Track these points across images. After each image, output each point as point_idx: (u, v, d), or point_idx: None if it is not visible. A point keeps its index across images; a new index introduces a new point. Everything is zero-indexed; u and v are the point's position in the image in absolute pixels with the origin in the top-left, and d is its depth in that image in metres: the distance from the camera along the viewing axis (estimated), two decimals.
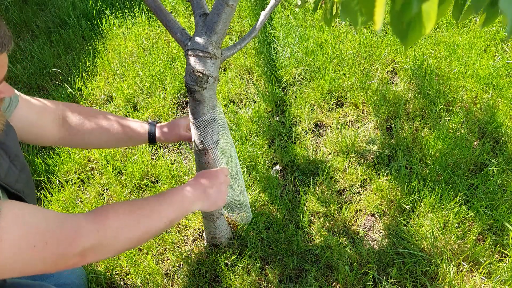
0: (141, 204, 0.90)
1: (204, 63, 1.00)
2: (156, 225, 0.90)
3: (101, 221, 0.81)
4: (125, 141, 1.19)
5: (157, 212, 0.90)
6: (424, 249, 1.43)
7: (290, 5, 2.69)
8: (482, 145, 1.75)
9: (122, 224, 0.84)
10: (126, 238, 0.85)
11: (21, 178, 0.90)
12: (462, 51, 2.17)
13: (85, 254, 0.78)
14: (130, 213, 0.86)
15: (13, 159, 0.89)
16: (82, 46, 2.57)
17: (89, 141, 1.14)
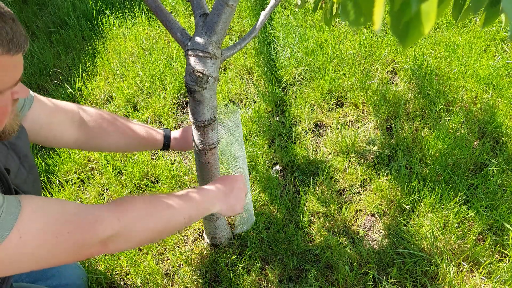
0: (162, 198, 0.90)
1: (204, 63, 1.00)
2: (176, 219, 0.90)
3: (122, 210, 0.81)
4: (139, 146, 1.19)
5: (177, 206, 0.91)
6: (424, 249, 1.43)
7: (290, 5, 2.69)
8: (482, 145, 1.75)
9: (143, 214, 0.84)
10: (146, 229, 0.85)
11: (29, 179, 0.91)
12: (462, 51, 2.17)
13: (107, 243, 0.79)
14: (150, 205, 0.87)
15: (23, 160, 0.89)
16: (82, 46, 2.57)
17: (106, 144, 1.14)
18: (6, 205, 0.67)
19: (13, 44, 0.67)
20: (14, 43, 0.67)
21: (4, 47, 0.66)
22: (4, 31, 0.65)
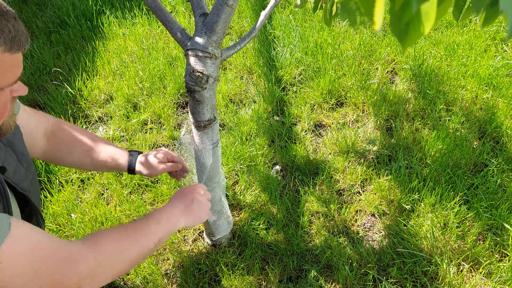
0: (132, 228, 0.91)
1: (204, 63, 1.00)
2: (148, 246, 0.91)
3: (97, 248, 0.82)
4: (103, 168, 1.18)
5: (147, 233, 0.92)
6: (424, 249, 1.43)
7: (290, 5, 2.69)
8: (482, 145, 1.75)
9: (117, 249, 0.85)
10: (121, 263, 0.86)
11: (27, 177, 0.90)
12: (462, 51, 2.17)
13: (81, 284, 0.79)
14: (123, 238, 0.87)
15: (20, 158, 0.89)
16: (82, 46, 2.57)
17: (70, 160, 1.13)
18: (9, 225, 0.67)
19: (15, 42, 0.68)
20: (16, 41, 0.68)
21: (7, 45, 0.67)
22: (7, 29, 0.66)
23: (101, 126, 2.06)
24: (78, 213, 1.61)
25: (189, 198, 1.06)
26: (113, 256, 0.84)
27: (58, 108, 2.12)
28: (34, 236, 0.73)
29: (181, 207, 1.04)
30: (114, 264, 0.84)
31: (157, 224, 0.95)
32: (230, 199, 1.64)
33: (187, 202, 1.06)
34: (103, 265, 0.82)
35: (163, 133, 1.97)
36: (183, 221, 1.03)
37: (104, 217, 1.58)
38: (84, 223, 1.57)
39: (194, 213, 1.05)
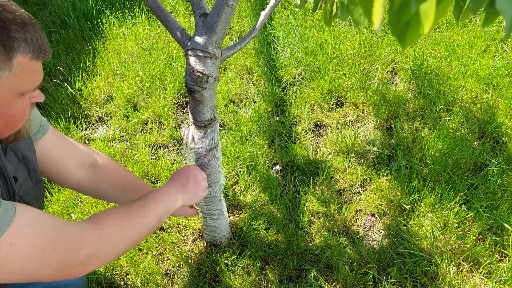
0: (131, 207, 0.95)
1: (204, 63, 1.00)
2: (148, 224, 0.95)
3: (101, 227, 0.85)
4: None
5: (146, 213, 0.95)
6: (424, 249, 1.44)
7: (290, 5, 2.69)
8: (482, 145, 1.75)
9: (120, 227, 0.89)
10: (124, 240, 0.89)
11: (33, 192, 0.94)
12: (462, 51, 2.17)
13: (87, 262, 0.82)
14: (124, 216, 0.91)
15: (31, 174, 0.94)
16: (82, 46, 2.57)
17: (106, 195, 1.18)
18: (2, 210, 0.70)
19: (41, 51, 0.74)
20: (42, 50, 0.74)
21: (34, 53, 0.72)
22: (35, 39, 0.72)
23: (101, 126, 2.06)
24: (78, 213, 1.61)
25: (185, 177, 1.10)
26: (116, 236, 0.87)
27: (58, 108, 2.12)
28: (40, 219, 0.76)
29: (177, 185, 1.08)
30: (117, 243, 0.88)
31: (156, 203, 0.99)
32: (230, 199, 1.64)
33: (183, 180, 1.09)
34: (106, 244, 0.85)
35: (163, 133, 1.97)
36: (181, 199, 1.06)
37: None
38: None
39: (191, 190, 1.09)
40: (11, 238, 0.70)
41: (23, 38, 0.70)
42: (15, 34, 0.69)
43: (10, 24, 0.69)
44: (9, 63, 0.70)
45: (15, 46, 0.69)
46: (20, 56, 0.71)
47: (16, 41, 0.69)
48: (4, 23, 0.68)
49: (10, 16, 0.69)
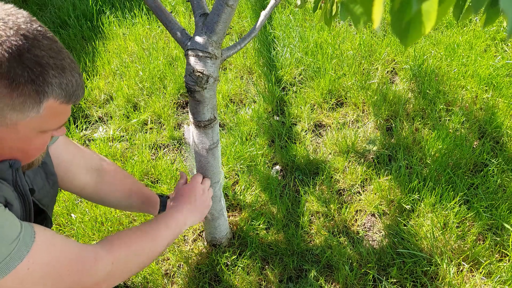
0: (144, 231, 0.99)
1: (204, 63, 1.00)
2: (158, 250, 0.99)
3: (113, 253, 0.88)
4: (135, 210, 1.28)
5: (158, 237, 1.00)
6: (424, 249, 1.43)
7: (290, 5, 2.69)
8: (482, 145, 1.75)
9: (131, 253, 0.93)
10: (135, 265, 0.94)
11: (50, 194, 0.96)
12: (462, 51, 2.17)
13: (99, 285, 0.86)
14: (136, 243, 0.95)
15: (48, 177, 0.96)
16: (82, 46, 2.57)
17: (110, 200, 1.20)
18: (22, 235, 0.71)
19: (74, 96, 0.74)
20: (75, 95, 0.74)
21: (66, 98, 0.72)
22: (71, 84, 0.72)
23: (101, 126, 2.06)
24: (78, 213, 1.61)
25: (190, 197, 1.14)
26: (127, 261, 0.91)
27: None
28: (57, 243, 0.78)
29: (184, 210, 1.11)
30: (128, 267, 0.92)
31: (167, 228, 1.03)
32: (230, 199, 1.64)
33: (191, 202, 1.14)
34: (118, 267, 0.89)
35: (163, 133, 1.97)
36: (188, 223, 1.11)
37: (104, 217, 1.58)
38: (84, 223, 1.57)
39: (197, 211, 1.14)
40: (29, 264, 0.71)
41: (58, 83, 0.70)
42: (52, 79, 0.69)
43: (49, 70, 0.69)
44: (38, 106, 0.70)
45: (48, 91, 0.69)
46: (51, 101, 0.71)
47: (51, 86, 0.69)
48: (43, 69, 0.68)
49: (51, 61, 0.69)
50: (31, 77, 0.67)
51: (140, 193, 1.25)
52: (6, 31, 0.66)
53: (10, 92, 0.66)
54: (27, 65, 0.67)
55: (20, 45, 0.66)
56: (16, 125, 0.71)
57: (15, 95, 0.67)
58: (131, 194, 1.22)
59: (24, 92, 0.67)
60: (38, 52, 0.68)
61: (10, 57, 0.65)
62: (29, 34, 0.68)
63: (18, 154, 0.78)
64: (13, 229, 0.70)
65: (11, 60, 0.65)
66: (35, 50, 0.67)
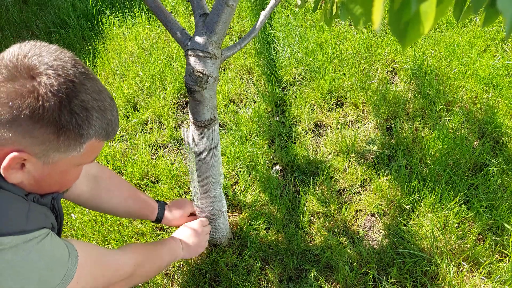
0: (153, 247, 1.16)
1: (204, 63, 1.00)
2: (162, 266, 1.16)
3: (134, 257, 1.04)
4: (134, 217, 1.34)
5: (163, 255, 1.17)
6: (424, 249, 1.43)
7: (290, 5, 2.69)
8: (482, 145, 1.75)
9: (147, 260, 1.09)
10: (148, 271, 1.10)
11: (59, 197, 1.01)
12: (462, 51, 2.17)
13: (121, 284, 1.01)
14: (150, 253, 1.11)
15: None
16: (82, 46, 2.57)
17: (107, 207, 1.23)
18: (71, 257, 0.82)
19: (112, 133, 0.81)
20: (113, 133, 0.80)
21: (105, 136, 0.78)
22: (110, 124, 0.78)
23: None
24: (78, 213, 1.61)
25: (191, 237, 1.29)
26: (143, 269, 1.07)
27: None
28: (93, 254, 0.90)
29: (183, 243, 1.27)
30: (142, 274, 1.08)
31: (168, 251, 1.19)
32: (230, 199, 1.64)
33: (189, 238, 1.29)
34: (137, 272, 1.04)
35: (163, 133, 1.97)
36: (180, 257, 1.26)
37: (104, 217, 1.58)
38: (84, 223, 1.57)
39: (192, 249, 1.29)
40: (77, 278, 0.82)
41: (100, 125, 0.75)
42: (95, 121, 0.74)
43: (93, 113, 0.73)
44: (81, 146, 0.75)
45: (91, 133, 0.75)
46: (92, 141, 0.76)
47: (94, 128, 0.74)
48: (88, 113, 0.72)
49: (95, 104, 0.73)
50: (78, 123, 0.71)
51: (136, 198, 1.27)
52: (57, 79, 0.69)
53: (57, 137, 0.71)
54: (75, 111, 0.71)
55: (69, 93, 0.70)
56: (57, 163, 0.76)
57: (62, 139, 0.71)
58: (127, 199, 1.24)
59: (70, 136, 0.72)
60: (84, 96, 0.72)
61: (61, 105, 0.69)
62: (76, 80, 0.71)
63: (55, 187, 0.83)
64: (64, 253, 0.81)
65: (62, 107, 0.69)
66: (81, 95, 0.71)
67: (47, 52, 0.71)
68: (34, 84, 0.68)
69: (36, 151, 0.72)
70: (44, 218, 0.82)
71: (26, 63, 0.69)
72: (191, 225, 1.32)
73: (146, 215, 1.30)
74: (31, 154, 0.72)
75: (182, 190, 1.70)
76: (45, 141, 0.70)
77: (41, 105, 0.67)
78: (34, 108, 0.67)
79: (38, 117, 0.68)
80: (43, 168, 0.75)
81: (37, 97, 0.67)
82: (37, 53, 0.70)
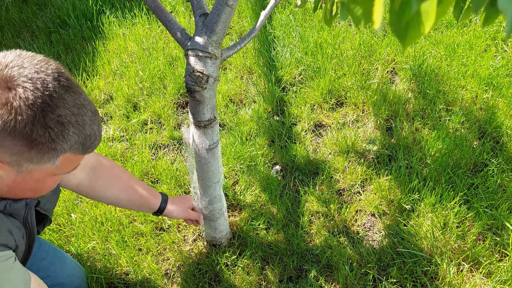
0: None
1: (204, 63, 1.00)
2: None
3: None
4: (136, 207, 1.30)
5: None
6: (424, 249, 1.43)
7: (290, 5, 2.69)
8: (482, 145, 1.75)
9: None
10: None
11: (52, 200, 1.00)
12: (462, 51, 2.17)
13: None
14: None
15: None
16: (82, 46, 2.57)
17: (107, 195, 1.21)
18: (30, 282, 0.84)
19: (90, 147, 0.78)
20: (92, 147, 0.78)
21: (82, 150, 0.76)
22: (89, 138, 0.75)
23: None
24: (78, 213, 1.61)
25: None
26: None
27: None
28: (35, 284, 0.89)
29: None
30: None
31: None
32: (230, 199, 1.64)
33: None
34: None
35: (163, 133, 1.97)
36: None
37: (104, 217, 1.58)
38: (84, 223, 1.57)
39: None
40: None
41: (77, 139, 0.73)
42: (71, 136, 0.72)
43: (69, 128, 0.71)
44: (55, 159, 0.73)
45: (65, 148, 0.72)
46: (67, 154, 0.74)
47: (69, 143, 0.72)
48: (64, 127, 0.71)
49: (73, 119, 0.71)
50: (51, 137, 0.70)
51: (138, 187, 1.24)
52: (34, 92, 0.67)
53: (29, 149, 0.69)
54: (49, 125, 0.69)
55: (45, 107, 0.68)
56: (31, 172, 0.74)
57: (34, 152, 0.70)
58: (128, 188, 1.22)
59: (43, 149, 0.70)
60: (62, 111, 0.70)
61: (34, 119, 0.67)
62: (55, 94, 0.70)
63: (29, 193, 0.82)
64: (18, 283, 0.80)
65: (35, 121, 0.68)
66: (59, 110, 0.70)
67: (30, 63, 0.70)
68: (9, 96, 0.66)
69: (8, 159, 0.71)
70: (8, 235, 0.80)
71: (5, 74, 0.67)
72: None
73: (149, 204, 1.27)
74: (4, 162, 0.71)
75: (182, 190, 1.70)
76: (16, 152, 0.70)
77: (13, 118, 0.66)
78: (6, 120, 0.66)
79: (9, 130, 0.67)
80: (17, 175, 0.75)
81: (10, 110, 0.66)
82: (18, 64, 0.69)
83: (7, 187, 0.77)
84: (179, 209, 1.32)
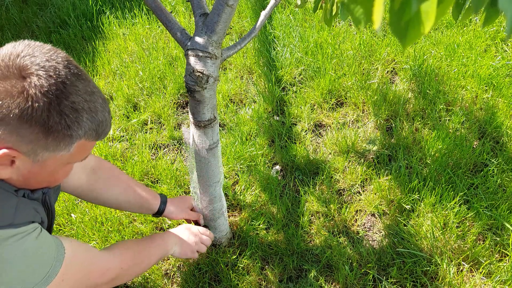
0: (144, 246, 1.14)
1: (204, 63, 1.00)
2: (149, 264, 1.15)
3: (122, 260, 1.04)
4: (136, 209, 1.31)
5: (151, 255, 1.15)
6: (424, 249, 1.43)
7: (290, 5, 2.69)
8: (482, 145, 1.75)
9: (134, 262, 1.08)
10: (133, 273, 1.10)
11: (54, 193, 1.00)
12: (462, 51, 2.17)
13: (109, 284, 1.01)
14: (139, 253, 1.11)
15: None
16: (82, 46, 2.57)
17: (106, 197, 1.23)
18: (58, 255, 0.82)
19: (103, 134, 0.81)
20: (104, 133, 0.81)
21: (95, 136, 0.79)
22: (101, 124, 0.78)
23: None
24: (78, 213, 1.61)
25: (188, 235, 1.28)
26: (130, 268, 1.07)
27: None
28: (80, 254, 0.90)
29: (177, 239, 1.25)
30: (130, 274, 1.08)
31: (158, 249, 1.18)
32: (230, 199, 1.64)
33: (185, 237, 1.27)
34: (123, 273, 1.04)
35: (163, 133, 1.97)
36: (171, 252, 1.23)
37: (104, 217, 1.58)
38: (84, 223, 1.57)
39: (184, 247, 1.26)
40: (62, 276, 0.82)
41: (90, 126, 0.75)
42: (85, 123, 0.74)
43: (83, 114, 0.73)
44: (70, 146, 0.76)
45: (80, 134, 0.75)
46: (82, 141, 0.77)
47: (84, 129, 0.75)
48: (78, 114, 0.73)
49: (86, 105, 0.73)
50: (67, 124, 0.72)
51: (137, 189, 1.25)
52: (47, 80, 0.69)
53: (45, 136, 0.71)
54: (65, 112, 0.71)
55: (59, 94, 0.70)
56: (46, 161, 0.76)
57: (50, 139, 0.72)
58: (127, 189, 1.23)
59: (59, 136, 0.72)
60: (75, 98, 0.72)
61: (50, 106, 0.69)
62: (67, 81, 0.71)
63: (44, 183, 0.84)
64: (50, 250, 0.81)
65: (51, 108, 0.69)
66: (72, 96, 0.72)
67: (40, 52, 0.71)
68: (25, 84, 0.68)
69: (25, 149, 0.72)
70: (34, 212, 0.83)
71: (18, 63, 0.69)
72: (192, 228, 1.30)
73: (148, 204, 1.28)
74: (20, 152, 0.72)
75: (182, 190, 1.70)
76: (33, 140, 0.71)
77: (30, 105, 0.68)
78: (23, 108, 0.68)
79: (27, 117, 0.68)
80: (33, 165, 0.76)
81: (27, 97, 0.68)
82: (30, 53, 0.70)
83: (23, 177, 0.79)
84: (178, 210, 1.33)
